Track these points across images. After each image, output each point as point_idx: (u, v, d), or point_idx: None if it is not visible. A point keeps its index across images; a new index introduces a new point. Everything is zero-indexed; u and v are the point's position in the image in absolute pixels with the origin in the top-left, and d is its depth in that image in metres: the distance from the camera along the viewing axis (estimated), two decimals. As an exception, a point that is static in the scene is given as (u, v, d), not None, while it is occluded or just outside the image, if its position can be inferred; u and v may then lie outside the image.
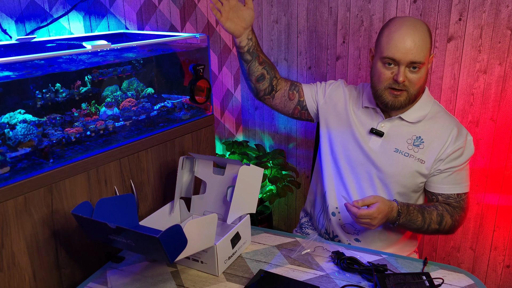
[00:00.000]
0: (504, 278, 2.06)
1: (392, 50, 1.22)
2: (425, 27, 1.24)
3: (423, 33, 1.22)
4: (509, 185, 1.92)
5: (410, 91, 1.26)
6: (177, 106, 1.56)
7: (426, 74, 1.28)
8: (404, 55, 1.21)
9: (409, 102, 1.28)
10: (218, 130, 2.41)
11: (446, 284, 1.07)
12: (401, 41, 1.21)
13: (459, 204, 1.32)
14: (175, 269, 1.17)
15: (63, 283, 1.20)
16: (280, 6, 2.26)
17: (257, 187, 1.26)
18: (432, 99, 1.37)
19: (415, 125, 1.33)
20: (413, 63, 1.22)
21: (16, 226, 1.06)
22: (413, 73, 1.23)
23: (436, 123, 1.33)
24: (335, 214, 1.42)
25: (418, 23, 1.24)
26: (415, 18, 1.27)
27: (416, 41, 1.20)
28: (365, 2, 2.01)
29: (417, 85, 1.26)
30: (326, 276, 1.12)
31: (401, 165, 1.31)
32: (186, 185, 1.36)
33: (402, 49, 1.20)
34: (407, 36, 1.21)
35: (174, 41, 1.56)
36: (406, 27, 1.22)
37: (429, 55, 1.26)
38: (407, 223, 1.27)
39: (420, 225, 1.28)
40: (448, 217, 1.30)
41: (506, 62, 1.79)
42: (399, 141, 1.33)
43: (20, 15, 1.36)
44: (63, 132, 1.24)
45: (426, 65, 1.25)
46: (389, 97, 1.27)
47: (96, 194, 1.25)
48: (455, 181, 1.32)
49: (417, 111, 1.33)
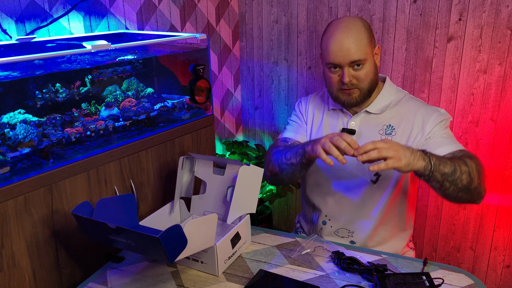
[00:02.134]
0: (504, 278, 2.06)
1: (331, 56, 1.27)
2: (359, 23, 1.28)
3: (357, 31, 1.26)
4: (509, 185, 1.92)
5: (361, 87, 1.30)
6: (177, 106, 1.56)
7: (374, 66, 1.31)
8: (343, 58, 1.25)
9: (364, 97, 1.32)
10: (218, 130, 2.41)
11: (446, 284, 1.07)
12: (337, 46, 1.26)
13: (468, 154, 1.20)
14: (175, 269, 1.17)
15: (63, 283, 1.20)
16: (280, 6, 2.26)
17: (257, 187, 1.26)
18: (394, 87, 1.40)
19: (383, 115, 1.35)
20: (354, 62, 1.26)
21: (16, 226, 1.06)
22: (358, 71, 1.27)
23: (402, 107, 1.35)
24: (326, 222, 1.43)
25: (352, 21, 1.28)
26: (349, 17, 1.31)
27: (351, 42, 1.25)
28: (365, 2, 2.01)
29: (366, 80, 1.29)
30: (326, 276, 1.12)
31: None
32: (186, 185, 1.36)
33: (340, 52, 1.25)
34: (342, 39, 1.25)
35: (174, 41, 1.56)
36: (339, 31, 1.26)
37: (372, 48, 1.30)
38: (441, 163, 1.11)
39: (452, 167, 1.13)
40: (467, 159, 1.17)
41: (506, 62, 1.79)
42: (372, 134, 1.34)
43: (20, 15, 1.36)
44: (63, 132, 1.24)
45: (370, 59, 1.29)
46: (343, 97, 1.32)
47: (96, 194, 1.25)
48: (449, 139, 1.26)
49: (381, 101, 1.36)
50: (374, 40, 1.32)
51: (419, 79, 1.99)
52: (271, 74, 2.42)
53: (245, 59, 2.47)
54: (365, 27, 1.29)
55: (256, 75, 2.47)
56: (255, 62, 2.45)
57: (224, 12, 2.29)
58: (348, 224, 1.40)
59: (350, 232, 1.40)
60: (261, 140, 2.58)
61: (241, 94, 2.56)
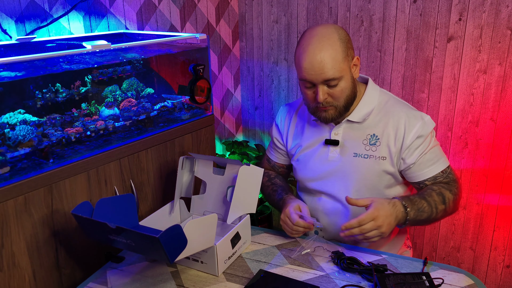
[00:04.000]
0: (504, 278, 2.06)
1: (304, 73, 1.18)
2: (334, 36, 1.18)
3: (331, 46, 1.17)
4: (509, 185, 1.92)
5: (336, 105, 1.22)
6: (177, 106, 1.56)
7: (351, 80, 1.23)
8: (315, 76, 1.17)
9: (341, 114, 1.25)
10: (218, 130, 2.41)
11: (446, 284, 1.07)
12: (309, 63, 1.17)
13: (449, 178, 1.28)
14: (175, 269, 1.17)
15: (63, 283, 1.20)
16: (280, 6, 2.26)
17: (257, 187, 1.26)
18: (377, 91, 1.32)
19: (366, 123, 1.29)
20: (328, 81, 1.18)
21: (16, 226, 1.06)
22: (332, 88, 1.19)
23: (386, 115, 1.28)
24: (318, 232, 1.42)
25: (326, 35, 1.18)
26: (324, 28, 1.20)
27: (324, 59, 1.15)
28: (365, 2, 2.01)
29: (342, 97, 1.22)
30: (326, 276, 1.12)
31: (364, 168, 1.28)
32: (186, 185, 1.36)
33: (311, 71, 1.17)
34: (314, 56, 1.16)
35: (174, 41, 1.56)
36: (311, 46, 1.17)
37: (348, 62, 1.21)
38: (418, 214, 1.19)
39: (429, 212, 1.21)
40: (447, 192, 1.24)
41: (506, 62, 1.79)
42: (356, 144, 1.29)
43: (20, 15, 1.36)
44: (63, 132, 1.24)
45: (347, 74, 1.20)
46: (319, 113, 1.25)
47: (96, 194, 1.25)
48: (431, 161, 1.27)
49: (363, 109, 1.29)
50: (352, 52, 1.23)
51: (419, 79, 1.99)
52: (271, 74, 2.42)
53: (245, 59, 2.47)
54: (341, 40, 1.18)
55: (256, 75, 2.47)
56: (255, 62, 2.45)
57: (224, 12, 2.29)
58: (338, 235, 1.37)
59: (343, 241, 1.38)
60: (261, 140, 2.58)
61: (241, 94, 2.56)
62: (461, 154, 1.99)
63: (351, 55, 1.22)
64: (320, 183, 1.36)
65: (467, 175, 2.00)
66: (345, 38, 1.20)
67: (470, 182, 2.01)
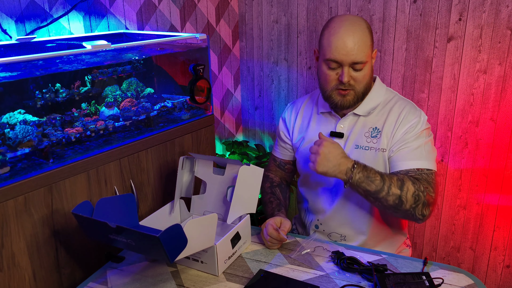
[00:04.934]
0: (504, 278, 2.06)
1: (334, 53, 1.23)
2: (364, 24, 1.25)
3: (362, 31, 1.23)
4: (509, 185, 1.92)
5: (356, 89, 1.28)
6: (177, 106, 1.56)
7: (371, 70, 1.29)
8: (345, 57, 1.22)
9: (357, 100, 1.30)
10: (218, 130, 2.41)
11: (446, 284, 1.07)
12: (341, 43, 1.22)
13: (422, 177, 1.23)
14: (175, 269, 1.17)
15: (63, 283, 1.20)
16: (280, 6, 2.26)
17: (257, 187, 1.26)
18: (384, 88, 1.38)
19: (370, 117, 1.34)
20: (355, 63, 1.23)
21: (16, 226, 1.06)
22: (357, 72, 1.25)
23: (389, 110, 1.34)
24: (318, 226, 1.43)
25: (357, 21, 1.25)
26: (354, 16, 1.28)
27: (356, 42, 1.21)
28: (365, 2, 2.01)
29: (363, 82, 1.27)
30: (326, 276, 1.12)
31: (364, 159, 1.28)
32: (186, 185, 1.36)
33: (343, 50, 1.22)
34: (347, 37, 1.22)
35: (174, 41, 1.56)
36: (345, 28, 1.23)
37: (371, 52, 1.28)
38: (364, 180, 1.18)
39: (379, 187, 1.18)
40: (409, 183, 1.20)
41: (506, 62, 1.79)
42: (358, 136, 1.33)
43: (20, 15, 1.36)
44: (63, 132, 1.24)
45: (370, 62, 1.27)
46: (337, 98, 1.29)
47: (96, 194, 1.25)
48: (413, 156, 1.26)
49: (369, 103, 1.34)
50: (373, 44, 1.30)
51: (419, 79, 1.99)
52: (271, 74, 2.42)
53: (245, 59, 2.47)
54: (369, 29, 1.26)
55: (256, 75, 2.47)
56: (255, 62, 2.45)
57: (224, 12, 2.29)
58: (339, 228, 1.39)
59: (342, 236, 1.39)
60: (261, 140, 2.58)
61: (241, 94, 2.56)
62: (461, 154, 1.99)
63: (373, 45, 1.31)
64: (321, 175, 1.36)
65: (467, 175, 2.00)
66: (371, 29, 1.28)
67: (470, 182, 2.01)
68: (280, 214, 1.37)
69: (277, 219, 1.28)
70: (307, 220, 1.48)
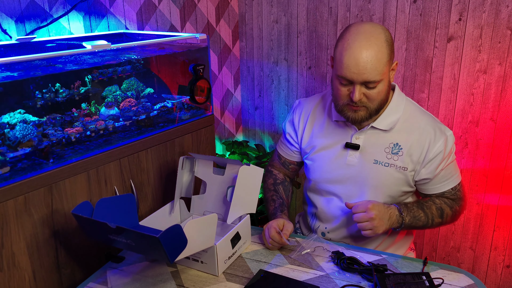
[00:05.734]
0: (504, 278, 2.06)
1: (345, 71, 1.14)
2: (382, 37, 1.14)
3: (379, 47, 1.13)
4: (509, 185, 1.92)
5: (369, 107, 1.20)
6: (177, 106, 1.56)
7: (388, 85, 1.22)
8: (356, 76, 1.13)
9: (370, 116, 1.23)
10: (218, 130, 2.41)
11: (446, 284, 1.07)
12: (352, 61, 1.12)
13: (456, 196, 1.32)
14: (175, 269, 1.17)
15: (63, 283, 1.20)
16: (280, 6, 2.26)
17: (257, 187, 1.26)
18: (403, 99, 1.30)
19: (390, 132, 1.27)
20: (368, 82, 1.15)
21: (16, 226, 1.06)
22: (370, 89, 1.17)
23: (412, 126, 1.27)
24: (325, 234, 1.41)
25: (374, 34, 1.14)
26: (372, 26, 1.16)
27: (368, 60, 1.12)
28: (365, 2, 2.01)
29: (376, 99, 1.19)
30: (326, 276, 1.12)
31: (383, 176, 1.27)
32: (186, 185, 1.36)
33: (354, 69, 1.13)
34: (359, 55, 1.12)
35: (174, 41, 1.56)
36: (358, 43, 1.12)
37: (390, 66, 1.19)
38: (413, 221, 1.25)
39: (425, 221, 1.27)
40: (447, 209, 1.30)
41: (506, 62, 1.79)
42: (377, 151, 1.28)
43: (20, 15, 1.36)
44: (63, 132, 1.24)
45: (386, 78, 1.18)
46: (349, 113, 1.22)
47: (96, 194, 1.25)
48: (445, 178, 1.29)
49: (389, 117, 1.27)
50: (393, 55, 1.20)
51: (419, 79, 1.99)
52: (271, 74, 2.42)
53: (245, 59, 2.47)
54: (387, 42, 1.15)
55: (256, 75, 2.47)
56: (255, 62, 2.45)
57: (224, 12, 2.29)
58: (348, 239, 1.37)
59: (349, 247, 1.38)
60: (261, 140, 2.58)
61: (241, 94, 2.56)
62: (461, 154, 1.99)
63: (393, 58, 1.20)
64: (335, 186, 1.34)
65: (467, 175, 2.00)
66: (391, 41, 1.17)
67: (470, 182, 2.01)
68: (283, 215, 1.35)
69: (280, 222, 1.26)
70: (314, 226, 1.45)
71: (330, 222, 1.39)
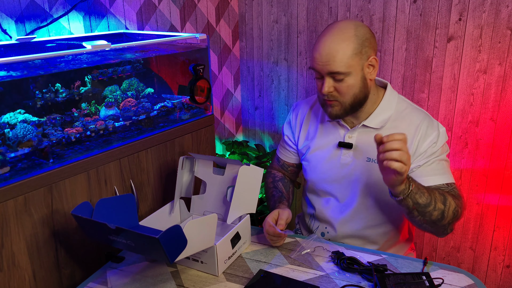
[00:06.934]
0: (504, 278, 2.06)
1: (313, 62, 1.18)
2: (351, 32, 1.15)
3: (344, 40, 1.14)
4: (509, 185, 1.92)
5: (342, 101, 1.20)
6: (177, 106, 1.56)
7: (362, 80, 1.19)
8: (321, 67, 1.17)
9: (346, 112, 1.22)
10: (218, 130, 2.41)
11: (446, 284, 1.07)
12: (318, 52, 1.16)
13: (455, 192, 1.23)
14: (175, 269, 1.17)
15: (63, 283, 1.20)
16: (280, 6, 2.26)
17: (257, 187, 1.26)
18: (395, 97, 1.29)
19: (382, 130, 1.26)
20: (334, 74, 1.16)
21: (16, 226, 1.06)
22: (339, 82, 1.17)
23: (403, 123, 1.26)
24: (324, 234, 1.41)
25: (343, 28, 1.16)
26: (344, 23, 1.18)
27: (331, 51, 1.14)
28: (365, 2, 2.01)
29: (348, 94, 1.19)
30: (326, 276, 1.12)
31: (377, 174, 1.24)
32: (186, 185, 1.36)
33: (318, 60, 1.16)
34: (323, 46, 1.15)
35: (174, 41, 1.56)
36: (326, 37, 1.16)
37: (361, 60, 1.17)
38: (417, 191, 1.11)
39: (428, 199, 1.13)
40: (450, 198, 1.17)
41: (506, 62, 1.79)
42: (370, 149, 1.27)
43: (20, 15, 1.36)
44: (63, 132, 1.24)
45: (357, 72, 1.17)
46: (326, 108, 1.24)
47: (96, 194, 1.25)
48: (439, 170, 1.24)
49: (380, 115, 1.27)
50: (369, 51, 1.19)
51: (419, 79, 1.99)
52: (271, 74, 2.42)
53: (245, 59, 2.47)
54: (357, 36, 1.16)
55: (256, 75, 2.47)
56: (255, 62, 2.45)
57: (224, 12, 2.29)
58: (347, 239, 1.38)
59: None
60: (261, 140, 2.58)
61: (241, 94, 2.56)
62: (461, 154, 1.99)
63: (367, 54, 1.19)
64: (331, 186, 1.35)
65: (467, 175, 2.00)
66: (364, 36, 1.17)
67: (470, 182, 2.01)
68: (281, 205, 1.34)
69: (274, 213, 1.25)
70: (313, 227, 1.45)
71: (328, 223, 1.39)
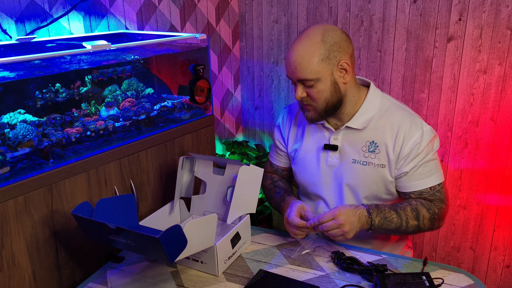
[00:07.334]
0: (504, 278, 2.06)
1: (286, 70, 1.22)
2: (317, 37, 1.16)
3: (310, 47, 1.16)
4: (509, 185, 1.92)
5: (316, 106, 1.22)
6: (177, 106, 1.56)
7: (333, 85, 1.19)
8: (291, 75, 1.20)
9: (321, 116, 1.24)
10: (218, 130, 2.41)
11: (446, 284, 1.07)
12: (287, 60, 1.20)
13: (435, 197, 1.24)
14: (175, 269, 1.17)
15: (63, 283, 1.20)
16: (280, 6, 2.26)
17: (257, 187, 1.26)
18: (379, 96, 1.28)
19: (366, 130, 1.26)
20: (303, 80, 1.18)
21: (16, 226, 1.06)
22: (309, 88, 1.19)
23: (386, 123, 1.25)
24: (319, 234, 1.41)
25: (310, 35, 1.17)
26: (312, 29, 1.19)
27: (298, 59, 1.16)
28: (365, 2, 2.01)
29: (319, 99, 1.20)
30: (326, 276, 1.12)
31: (363, 175, 1.26)
32: (186, 185, 1.36)
33: (289, 67, 1.20)
34: (291, 55, 1.18)
35: (174, 41, 1.56)
36: (294, 45, 1.19)
37: (330, 66, 1.17)
38: (384, 222, 1.18)
39: (398, 224, 1.19)
40: (424, 210, 1.21)
41: (506, 62, 1.79)
42: (354, 151, 1.27)
43: (20, 15, 1.36)
44: (63, 132, 1.24)
45: (326, 77, 1.18)
46: (304, 112, 1.27)
47: (96, 194, 1.25)
48: (424, 174, 1.24)
49: (363, 115, 1.26)
50: (339, 56, 1.17)
51: (419, 79, 1.99)
52: (271, 74, 2.42)
53: (245, 59, 2.47)
54: (324, 41, 1.16)
55: (256, 75, 2.47)
56: (255, 62, 2.45)
57: (224, 12, 2.29)
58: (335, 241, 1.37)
59: None
60: (261, 140, 2.58)
61: (241, 94, 2.56)
62: (461, 154, 1.99)
63: (336, 58, 1.18)
64: (319, 188, 1.35)
65: (467, 175, 2.00)
66: (332, 41, 1.17)
67: (470, 182, 2.01)
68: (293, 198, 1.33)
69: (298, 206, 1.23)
70: None
71: None
